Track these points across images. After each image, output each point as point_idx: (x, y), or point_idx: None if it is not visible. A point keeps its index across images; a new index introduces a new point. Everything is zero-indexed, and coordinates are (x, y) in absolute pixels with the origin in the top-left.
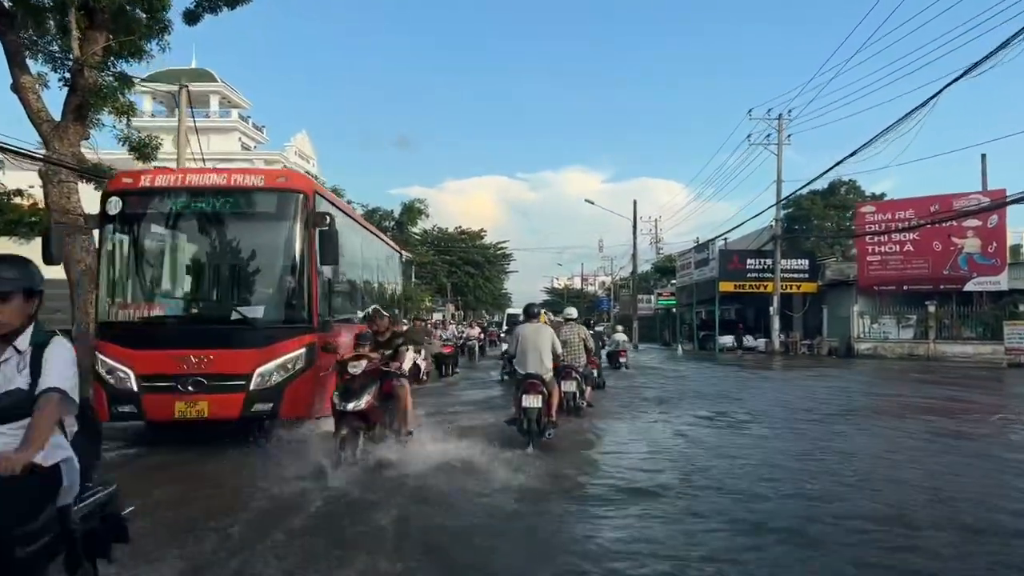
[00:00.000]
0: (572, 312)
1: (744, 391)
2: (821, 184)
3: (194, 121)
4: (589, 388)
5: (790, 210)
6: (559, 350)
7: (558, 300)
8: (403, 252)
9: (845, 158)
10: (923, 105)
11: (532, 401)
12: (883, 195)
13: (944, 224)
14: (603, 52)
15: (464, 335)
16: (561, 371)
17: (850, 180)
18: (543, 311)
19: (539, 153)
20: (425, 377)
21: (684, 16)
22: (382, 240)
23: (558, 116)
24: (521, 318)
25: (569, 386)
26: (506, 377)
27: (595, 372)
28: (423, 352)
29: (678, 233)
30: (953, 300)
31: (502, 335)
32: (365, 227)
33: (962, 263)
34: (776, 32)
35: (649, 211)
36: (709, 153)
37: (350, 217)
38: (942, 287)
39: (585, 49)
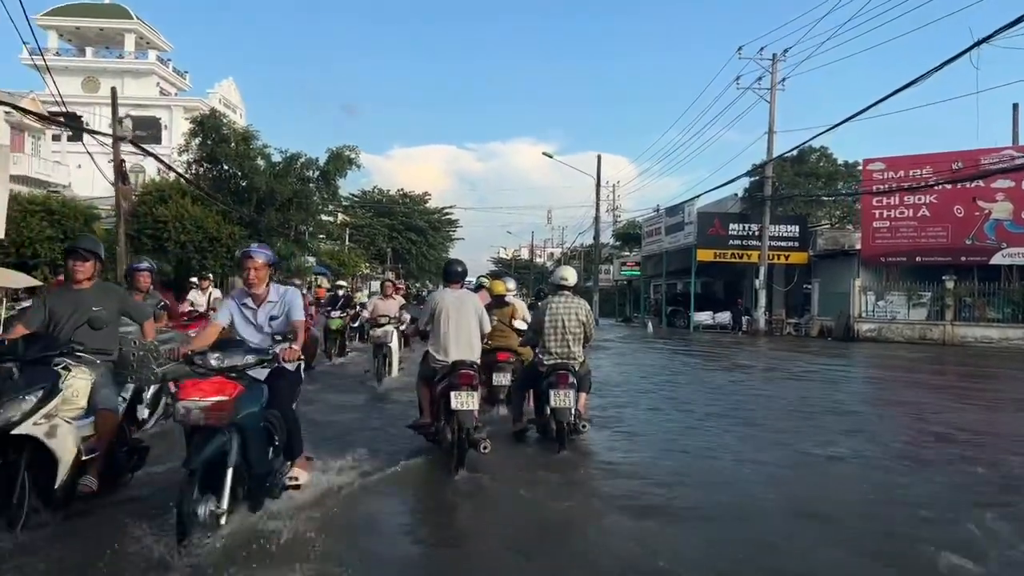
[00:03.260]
0: (569, 276)
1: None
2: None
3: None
4: (584, 396)
5: (756, 178)
6: (487, 329)
7: (505, 272)
8: None
9: (864, 110)
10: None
11: (466, 401)
12: (855, 164)
13: (968, 185)
14: (557, 22)
15: (367, 311)
16: (553, 373)
17: (822, 147)
18: (490, 280)
19: (488, 123)
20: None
21: None
22: None
23: (508, 86)
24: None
25: (564, 399)
26: None
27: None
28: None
29: (628, 206)
30: (975, 275)
31: None
32: None
33: (989, 231)
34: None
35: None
36: (662, 129)
37: None
38: (964, 259)
39: (539, 18)
